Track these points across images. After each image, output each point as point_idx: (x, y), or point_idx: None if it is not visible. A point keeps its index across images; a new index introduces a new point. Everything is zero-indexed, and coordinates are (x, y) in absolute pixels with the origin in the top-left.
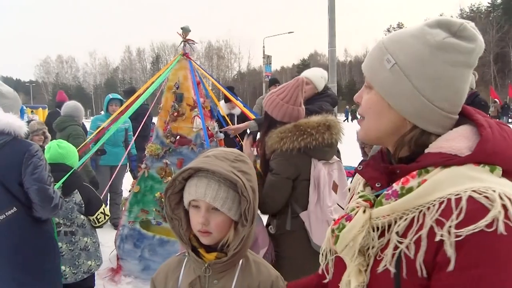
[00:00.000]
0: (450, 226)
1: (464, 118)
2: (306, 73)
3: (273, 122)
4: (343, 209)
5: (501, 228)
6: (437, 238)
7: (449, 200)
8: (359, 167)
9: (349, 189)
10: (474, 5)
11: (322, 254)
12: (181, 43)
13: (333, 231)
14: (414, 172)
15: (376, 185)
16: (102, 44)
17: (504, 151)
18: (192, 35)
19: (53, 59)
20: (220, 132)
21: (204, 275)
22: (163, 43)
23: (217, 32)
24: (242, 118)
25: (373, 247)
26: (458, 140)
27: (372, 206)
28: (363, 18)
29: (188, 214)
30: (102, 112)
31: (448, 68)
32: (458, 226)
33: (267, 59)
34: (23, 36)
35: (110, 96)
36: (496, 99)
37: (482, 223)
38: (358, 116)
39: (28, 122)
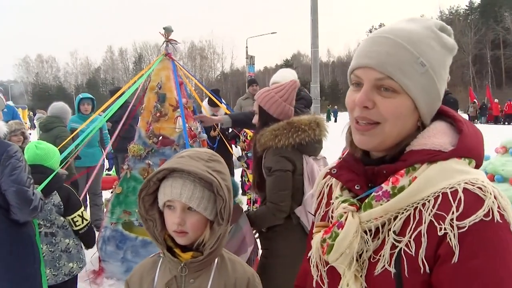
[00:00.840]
0: (452, 219)
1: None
2: (276, 77)
3: (268, 118)
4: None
5: (497, 217)
6: (441, 232)
7: (444, 194)
8: (333, 171)
9: (317, 194)
10: (453, 7)
11: (313, 266)
12: (163, 43)
13: (324, 240)
14: (402, 171)
15: (356, 187)
16: (83, 44)
17: (477, 145)
18: (174, 35)
19: (33, 59)
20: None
21: (181, 274)
22: (146, 43)
23: (200, 32)
24: None
25: (367, 251)
26: (439, 136)
27: (358, 209)
28: (345, 19)
29: (162, 214)
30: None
31: (448, 68)
32: (460, 218)
33: (250, 59)
34: (0, 34)
35: (81, 96)
36: (475, 100)
37: (481, 213)
38: (356, 120)
39: (7, 121)
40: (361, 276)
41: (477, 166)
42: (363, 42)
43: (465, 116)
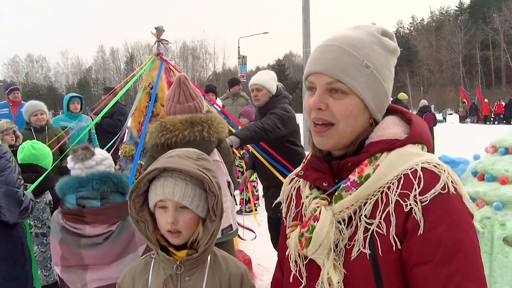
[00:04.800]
0: (415, 196)
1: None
2: (256, 79)
3: None
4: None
5: (452, 189)
6: (407, 208)
7: (405, 175)
8: (300, 173)
9: (285, 199)
10: (443, 8)
11: (292, 262)
12: (155, 43)
13: (302, 235)
14: (366, 161)
15: (324, 184)
16: (74, 44)
17: (426, 132)
18: (166, 35)
19: (22, 58)
20: None
21: (176, 273)
22: (137, 42)
23: (192, 32)
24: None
25: (342, 240)
26: (393, 127)
27: (329, 203)
28: (336, 19)
29: (153, 215)
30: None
31: (393, 69)
32: (421, 193)
33: (242, 59)
34: None
35: (70, 95)
36: (464, 99)
37: (438, 186)
38: (314, 122)
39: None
40: (339, 264)
41: (429, 151)
42: (314, 51)
43: (456, 116)
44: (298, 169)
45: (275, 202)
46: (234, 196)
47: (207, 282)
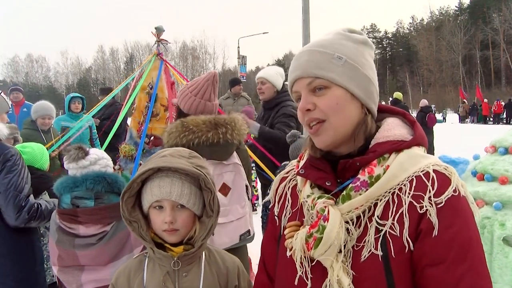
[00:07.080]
0: (429, 198)
1: (381, 113)
2: (261, 73)
3: (181, 114)
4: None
5: (462, 192)
6: (423, 210)
7: (418, 177)
8: (301, 171)
9: (279, 198)
10: (443, 8)
11: (297, 262)
12: (155, 43)
13: (311, 235)
14: (374, 161)
15: (327, 183)
16: (74, 44)
17: (424, 135)
18: (166, 35)
19: (22, 58)
20: None
21: (173, 269)
22: (137, 42)
23: (192, 32)
24: None
25: (350, 240)
26: (397, 128)
27: (334, 203)
28: (336, 19)
29: (144, 214)
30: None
31: (370, 58)
32: (436, 195)
33: (242, 59)
34: None
35: (71, 95)
36: (464, 100)
37: (451, 189)
38: (309, 125)
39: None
40: (347, 265)
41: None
42: (291, 63)
43: (455, 116)
44: (290, 168)
45: (265, 200)
46: (251, 200)
47: (204, 276)
